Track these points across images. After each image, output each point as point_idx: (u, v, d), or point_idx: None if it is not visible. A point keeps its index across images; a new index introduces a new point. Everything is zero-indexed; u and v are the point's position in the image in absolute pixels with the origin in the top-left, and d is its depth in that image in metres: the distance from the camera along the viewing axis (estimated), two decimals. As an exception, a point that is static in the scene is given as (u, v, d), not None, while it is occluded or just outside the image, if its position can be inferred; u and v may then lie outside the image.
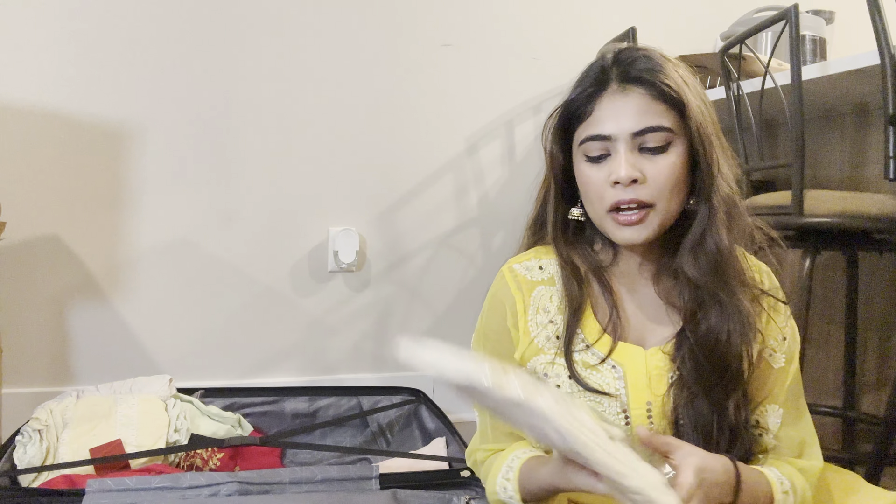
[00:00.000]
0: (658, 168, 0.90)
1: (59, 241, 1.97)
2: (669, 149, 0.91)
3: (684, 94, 0.91)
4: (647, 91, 0.91)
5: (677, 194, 0.92)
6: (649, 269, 0.98)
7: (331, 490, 1.36)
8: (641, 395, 0.94)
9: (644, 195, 0.90)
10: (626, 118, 0.90)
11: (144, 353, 2.03)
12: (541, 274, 1.00)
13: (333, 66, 2.14)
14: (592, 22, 2.32)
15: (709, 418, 0.91)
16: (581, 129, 0.94)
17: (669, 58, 0.94)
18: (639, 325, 0.98)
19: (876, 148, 1.88)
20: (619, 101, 0.91)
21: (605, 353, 0.94)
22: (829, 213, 1.52)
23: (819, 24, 2.15)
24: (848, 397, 1.85)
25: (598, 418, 0.80)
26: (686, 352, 0.92)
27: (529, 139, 2.30)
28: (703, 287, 0.92)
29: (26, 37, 1.91)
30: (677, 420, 0.92)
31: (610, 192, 0.91)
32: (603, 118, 0.92)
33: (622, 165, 0.89)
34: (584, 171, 0.94)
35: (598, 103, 0.93)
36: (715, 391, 0.91)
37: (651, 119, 0.90)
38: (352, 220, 2.18)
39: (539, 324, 0.98)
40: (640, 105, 0.91)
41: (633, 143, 0.90)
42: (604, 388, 0.94)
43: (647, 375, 0.94)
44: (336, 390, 2.01)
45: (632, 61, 0.93)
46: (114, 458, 1.49)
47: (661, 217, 0.91)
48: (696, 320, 0.92)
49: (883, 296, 1.89)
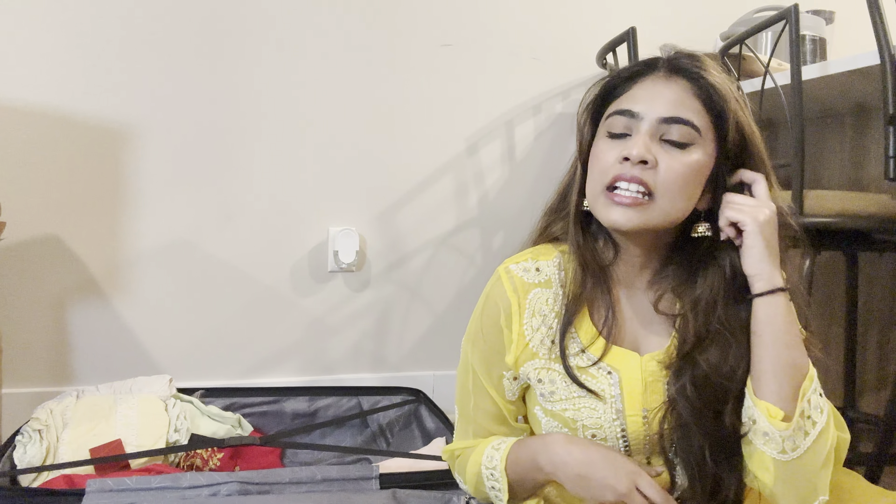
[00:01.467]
0: (673, 162, 0.88)
1: (59, 241, 1.97)
2: (690, 149, 0.89)
3: (729, 103, 0.90)
4: (690, 85, 0.90)
5: (683, 198, 0.89)
6: (647, 275, 0.97)
7: (331, 490, 1.35)
8: (637, 402, 0.93)
9: (649, 179, 0.87)
10: (660, 103, 0.89)
11: (144, 353, 2.03)
12: (538, 276, 0.98)
13: (333, 65, 2.14)
14: (592, 22, 2.32)
15: (699, 448, 0.89)
16: (613, 105, 0.93)
17: (722, 68, 0.94)
18: (634, 330, 0.96)
19: (876, 148, 1.88)
20: (660, 85, 0.91)
21: (598, 356, 0.93)
22: (829, 213, 1.52)
23: (819, 24, 2.15)
24: (848, 397, 1.85)
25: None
26: (688, 378, 0.89)
27: (529, 139, 2.30)
28: (738, 319, 0.90)
29: (27, 37, 1.91)
30: (663, 437, 0.92)
31: (615, 168, 0.89)
32: (638, 97, 0.91)
33: (637, 144, 0.88)
34: (599, 146, 0.93)
35: (638, 83, 0.92)
36: (711, 418, 0.89)
37: (682, 111, 0.89)
38: (352, 220, 2.18)
39: (534, 328, 0.96)
40: (679, 95, 0.90)
41: (657, 130, 0.89)
42: (598, 393, 0.93)
43: (642, 382, 0.93)
44: (336, 390, 2.01)
45: (683, 58, 0.93)
46: (114, 458, 1.49)
47: (657, 214, 0.88)
48: (708, 348, 0.90)
49: (883, 296, 1.89)
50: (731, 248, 0.91)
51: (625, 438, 0.94)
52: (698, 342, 0.90)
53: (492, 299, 0.99)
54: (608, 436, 0.94)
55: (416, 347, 2.25)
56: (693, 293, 0.92)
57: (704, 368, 0.89)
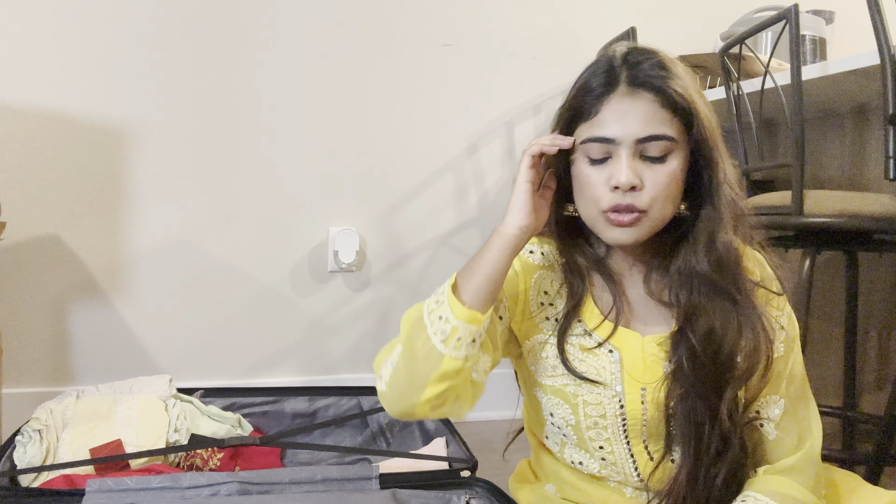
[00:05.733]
0: (656, 176, 0.90)
1: (59, 241, 1.97)
2: (668, 158, 0.90)
3: (694, 102, 0.90)
4: (655, 97, 0.90)
5: (671, 202, 0.92)
6: (640, 268, 0.99)
7: (331, 490, 1.35)
8: (636, 381, 0.95)
9: (639, 202, 0.90)
10: (632, 123, 0.90)
11: (144, 353, 2.03)
12: (543, 259, 1.01)
13: (334, 65, 2.14)
14: (592, 22, 2.32)
15: (702, 419, 0.91)
16: (584, 128, 0.93)
17: (676, 61, 0.94)
18: (636, 315, 0.98)
19: (876, 148, 1.88)
20: (626, 104, 0.90)
21: (603, 337, 0.95)
22: (829, 213, 1.52)
23: (819, 24, 2.15)
24: (848, 397, 1.85)
25: None
26: (684, 351, 0.92)
27: (529, 139, 2.30)
28: (711, 285, 0.92)
29: (27, 37, 1.91)
30: (668, 410, 0.93)
31: (608, 196, 0.91)
32: (608, 120, 0.91)
33: (623, 171, 0.89)
34: (583, 170, 0.94)
35: (605, 104, 0.92)
36: (710, 392, 0.91)
37: (656, 127, 0.89)
38: (352, 220, 2.18)
39: (539, 304, 0.99)
40: (648, 111, 0.90)
41: (635, 149, 0.90)
42: (599, 372, 0.95)
43: (642, 361, 0.95)
44: (336, 390, 2.01)
45: (641, 64, 0.92)
46: (114, 458, 1.49)
47: (652, 223, 0.91)
48: (696, 319, 0.92)
49: (883, 296, 1.89)
50: (725, 223, 0.93)
51: (623, 417, 0.95)
52: (687, 316, 0.93)
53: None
54: (607, 412, 0.95)
55: (416, 347, 2.25)
56: (676, 271, 0.95)
57: (695, 341, 0.91)
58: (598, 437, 0.97)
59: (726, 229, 0.92)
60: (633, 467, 0.97)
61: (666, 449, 0.95)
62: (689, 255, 0.94)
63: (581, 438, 0.98)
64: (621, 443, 0.97)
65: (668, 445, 0.95)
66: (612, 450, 0.97)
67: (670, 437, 0.94)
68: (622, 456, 0.97)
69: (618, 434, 0.96)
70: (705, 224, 0.93)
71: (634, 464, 0.97)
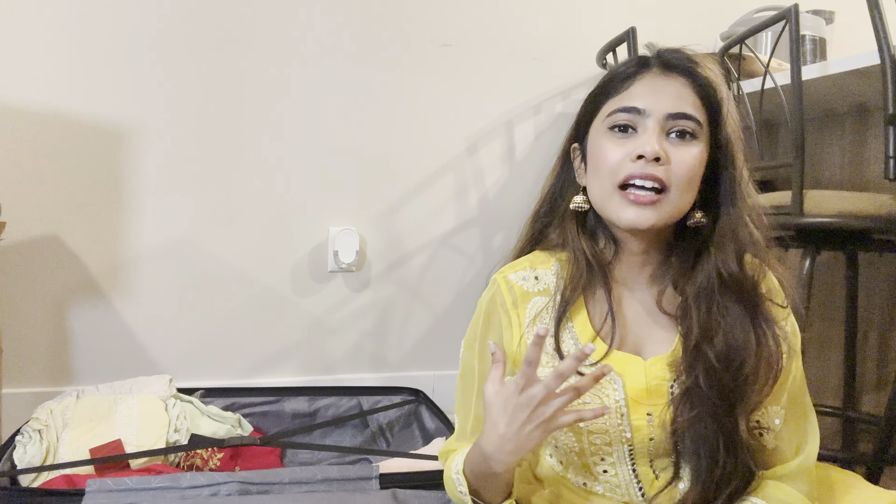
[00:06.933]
0: (682, 155, 0.89)
1: (59, 241, 1.97)
2: (694, 142, 0.90)
3: (722, 95, 0.91)
4: (687, 80, 0.91)
5: (691, 189, 0.90)
6: (648, 272, 0.96)
7: (331, 490, 1.35)
8: (642, 407, 0.92)
9: (663, 175, 0.88)
10: (664, 98, 0.90)
11: (144, 353, 2.03)
12: (536, 284, 0.97)
13: (334, 65, 2.14)
14: (592, 22, 2.32)
15: (714, 438, 0.88)
16: (612, 103, 0.93)
17: (710, 56, 0.95)
18: (636, 331, 0.95)
19: (876, 148, 1.88)
20: (660, 81, 0.91)
21: (596, 359, 0.92)
22: (829, 213, 1.52)
23: (819, 24, 2.15)
24: (848, 397, 1.85)
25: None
26: (701, 371, 0.88)
27: (529, 139, 2.30)
28: (736, 291, 0.90)
29: (27, 37, 1.91)
30: (676, 429, 0.90)
31: (627, 166, 0.89)
32: (640, 94, 0.91)
33: (650, 141, 0.88)
34: (602, 144, 0.92)
35: (636, 81, 0.92)
36: (724, 411, 0.87)
37: (686, 107, 0.90)
38: (352, 220, 2.18)
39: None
40: (679, 91, 0.91)
41: (664, 125, 0.89)
42: (603, 401, 0.92)
43: (646, 385, 0.92)
44: (336, 390, 2.01)
45: (675, 52, 0.94)
46: (114, 458, 1.49)
47: (671, 207, 0.89)
48: (714, 335, 0.89)
49: (883, 296, 1.89)
50: (742, 228, 0.92)
51: (629, 443, 0.93)
52: (704, 333, 0.89)
53: (494, 303, 0.98)
54: (613, 440, 0.93)
55: (415, 347, 2.25)
56: (694, 284, 0.92)
57: (714, 358, 0.88)
58: (603, 462, 0.95)
59: (750, 230, 0.91)
60: (637, 487, 0.95)
61: (675, 469, 0.92)
62: (716, 258, 0.91)
63: (585, 464, 0.96)
64: (626, 465, 0.95)
65: (677, 465, 0.92)
66: (617, 472, 0.95)
67: (678, 456, 0.91)
68: (626, 478, 0.95)
69: (622, 458, 0.94)
70: (729, 224, 0.91)
71: (639, 484, 0.95)
